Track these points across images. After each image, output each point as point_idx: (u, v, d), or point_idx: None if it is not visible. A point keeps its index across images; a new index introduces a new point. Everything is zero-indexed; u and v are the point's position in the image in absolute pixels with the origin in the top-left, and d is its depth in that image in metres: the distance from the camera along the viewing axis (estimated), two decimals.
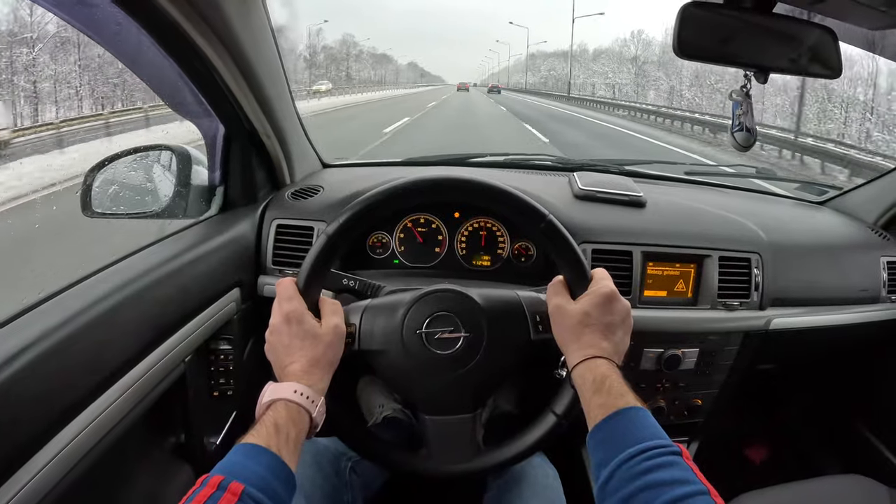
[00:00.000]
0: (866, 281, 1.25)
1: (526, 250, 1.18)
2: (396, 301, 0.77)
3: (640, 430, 0.58)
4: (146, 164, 1.11)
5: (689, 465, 0.54)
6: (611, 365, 0.66)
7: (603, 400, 0.62)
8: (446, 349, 0.74)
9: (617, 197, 1.20)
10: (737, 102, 0.92)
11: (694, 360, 1.12)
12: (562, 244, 0.74)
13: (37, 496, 0.58)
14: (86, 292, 0.72)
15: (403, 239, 1.17)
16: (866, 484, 1.00)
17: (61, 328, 0.64)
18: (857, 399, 1.50)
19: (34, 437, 0.59)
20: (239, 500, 0.49)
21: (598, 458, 0.59)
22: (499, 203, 0.76)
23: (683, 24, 0.81)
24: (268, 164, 1.18)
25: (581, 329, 0.69)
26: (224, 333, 1.00)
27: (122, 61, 0.91)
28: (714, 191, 1.55)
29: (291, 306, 0.68)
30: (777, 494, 0.98)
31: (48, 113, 5.30)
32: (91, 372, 0.67)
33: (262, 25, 0.94)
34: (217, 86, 0.93)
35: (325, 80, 56.11)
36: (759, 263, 1.13)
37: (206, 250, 0.95)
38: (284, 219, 1.12)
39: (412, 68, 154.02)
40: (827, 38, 0.86)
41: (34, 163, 2.50)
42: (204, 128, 1.08)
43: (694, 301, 1.12)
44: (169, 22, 0.76)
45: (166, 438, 0.94)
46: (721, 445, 1.48)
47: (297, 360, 0.66)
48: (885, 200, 1.40)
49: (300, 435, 0.61)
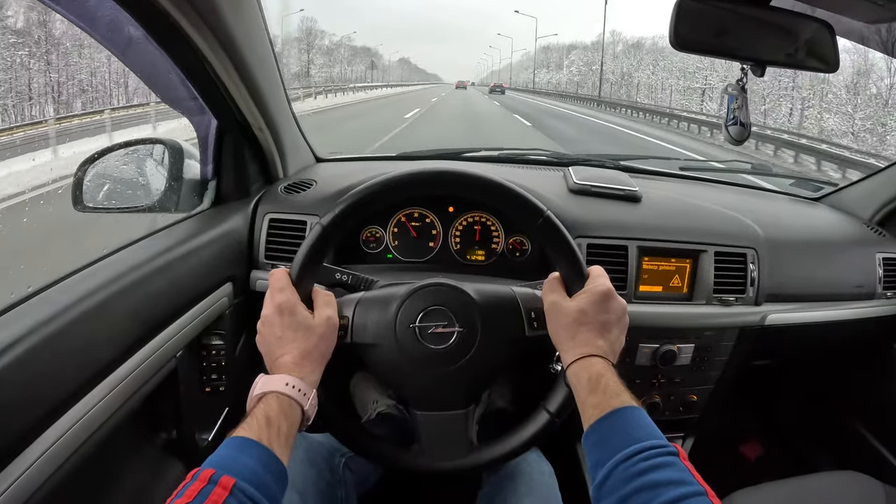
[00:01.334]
0: (862, 277, 1.25)
1: (521, 245, 1.17)
2: (390, 294, 0.77)
3: (636, 430, 0.57)
4: (138, 158, 1.10)
5: (685, 465, 0.53)
6: (606, 364, 0.66)
7: (598, 399, 0.61)
8: (439, 344, 0.73)
9: (612, 191, 1.20)
10: (732, 96, 0.91)
11: (689, 355, 1.12)
12: (559, 241, 0.73)
13: (26, 493, 0.58)
14: (75, 287, 0.71)
15: (397, 233, 1.17)
16: (861, 480, 1.00)
17: (49, 323, 0.63)
18: (852, 395, 1.50)
19: (23, 434, 0.58)
20: (230, 494, 0.48)
21: (594, 458, 0.58)
22: (496, 197, 0.75)
23: (680, 17, 0.81)
24: (260, 157, 1.17)
25: (577, 327, 0.68)
26: (216, 328, 0.99)
27: (114, 53, 0.90)
28: (710, 186, 1.54)
29: (284, 297, 0.68)
30: (772, 490, 0.98)
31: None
32: (81, 367, 0.67)
33: (254, 17, 0.93)
34: (209, 78, 0.92)
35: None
36: (754, 259, 1.13)
37: (198, 244, 0.94)
38: (277, 213, 1.11)
39: (403, 65, 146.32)
40: (823, 32, 0.86)
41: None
42: (196, 121, 1.07)
43: (689, 296, 1.12)
44: (160, 13, 0.75)
45: (158, 434, 0.93)
46: (716, 441, 1.48)
47: (289, 352, 0.66)
48: (881, 196, 1.40)
49: (292, 428, 0.60)
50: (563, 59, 74.30)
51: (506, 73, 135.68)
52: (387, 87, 51.31)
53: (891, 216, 1.39)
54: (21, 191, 2.74)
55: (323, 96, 27.32)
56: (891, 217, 1.39)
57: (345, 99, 27.93)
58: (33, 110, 5.15)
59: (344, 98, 28.55)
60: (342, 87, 36.33)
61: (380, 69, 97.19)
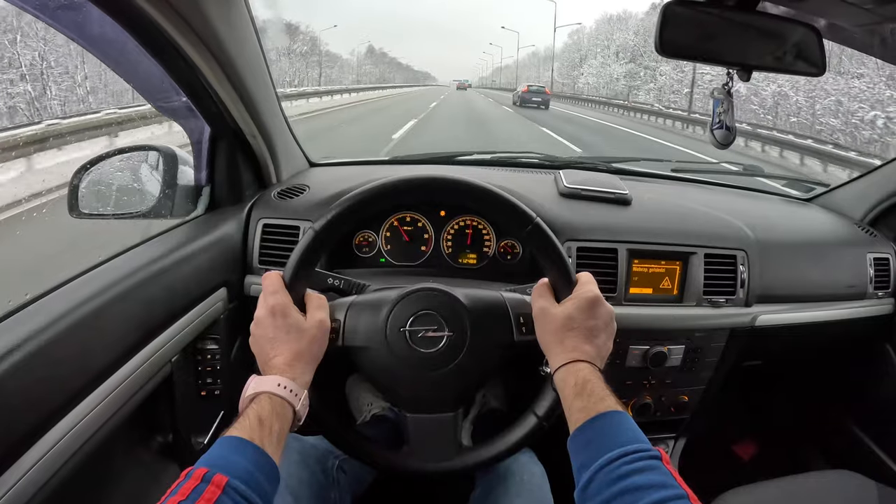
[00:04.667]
0: (853, 277, 1.26)
1: (512, 248, 1.18)
2: (381, 298, 0.78)
3: (620, 435, 0.58)
4: (132, 165, 1.10)
5: (668, 469, 0.54)
6: (592, 369, 0.66)
7: (584, 404, 0.62)
8: (429, 348, 0.74)
9: (602, 195, 1.21)
10: (718, 100, 0.92)
11: (680, 356, 1.12)
12: (548, 247, 0.74)
13: (24, 497, 0.59)
14: (71, 294, 0.72)
15: (390, 238, 1.17)
16: (853, 479, 1.01)
17: (46, 330, 0.64)
18: (844, 394, 1.51)
19: (21, 439, 0.59)
20: (223, 492, 0.49)
21: (578, 461, 0.59)
22: (486, 204, 0.76)
23: (666, 22, 0.81)
24: (254, 163, 1.18)
25: (564, 332, 0.69)
26: (211, 333, 1.00)
27: (104, 62, 0.90)
28: (701, 188, 1.55)
29: (277, 299, 0.69)
30: (764, 490, 0.99)
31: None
32: (77, 373, 0.67)
33: (244, 23, 0.94)
34: (201, 85, 0.93)
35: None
36: (744, 260, 1.14)
37: (193, 250, 0.95)
38: (271, 218, 1.11)
39: (374, 58, 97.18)
40: (811, 36, 0.87)
41: None
42: (189, 128, 1.07)
43: (680, 298, 1.12)
44: (148, 21, 0.76)
45: (154, 438, 0.94)
46: (708, 442, 1.48)
47: (281, 354, 0.67)
48: (872, 197, 1.41)
49: (284, 428, 0.61)
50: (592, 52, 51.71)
51: (510, 71, 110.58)
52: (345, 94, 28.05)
53: (882, 216, 1.40)
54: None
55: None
56: (882, 217, 1.40)
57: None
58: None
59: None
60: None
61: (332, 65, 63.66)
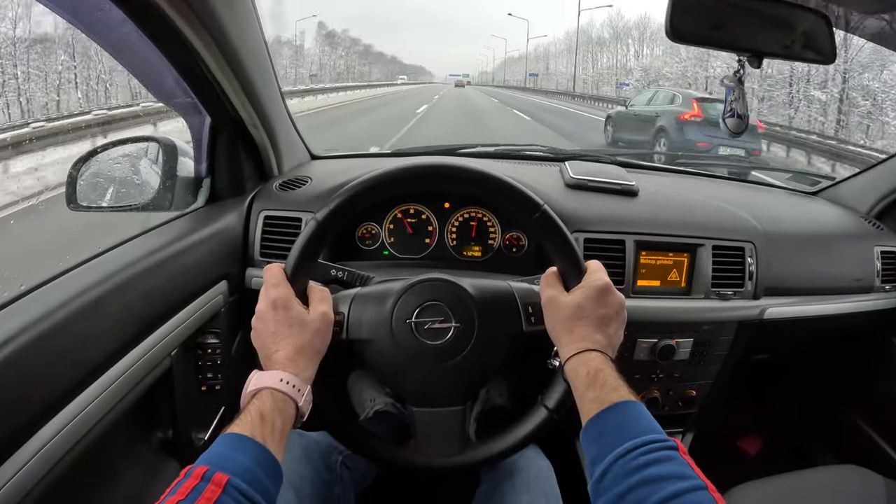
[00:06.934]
0: (860, 270, 1.25)
1: (517, 240, 1.17)
2: (386, 290, 0.76)
3: (635, 425, 0.56)
4: (132, 157, 1.09)
5: (686, 459, 0.53)
6: (604, 358, 0.65)
7: (596, 394, 0.61)
8: (436, 339, 0.73)
9: (609, 186, 1.19)
10: (729, 88, 0.91)
11: (688, 350, 1.11)
12: (556, 235, 0.73)
13: (20, 492, 0.57)
14: (68, 284, 0.71)
15: (393, 230, 1.16)
16: (861, 474, 1.00)
17: (42, 321, 0.63)
18: (851, 389, 1.50)
19: (16, 433, 0.58)
20: (223, 491, 0.48)
21: (592, 453, 0.57)
22: (492, 191, 0.74)
23: (676, 8, 0.81)
24: (255, 155, 1.16)
25: (574, 322, 0.67)
26: (211, 327, 0.99)
27: (106, 50, 0.89)
28: (706, 180, 1.54)
29: (278, 292, 0.67)
30: (772, 485, 0.98)
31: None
32: (75, 365, 0.66)
33: (247, 13, 0.92)
34: (203, 75, 0.91)
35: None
36: (752, 252, 1.13)
37: (193, 242, 0.93)
38: (272, 210, 1.10)
39: (334, 43, 67.95)
40: (820, 24, 0.86)
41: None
42: (190, 119, 1.06)
43: (687, 291, 1.11)
44: (154, 10, 0.75)
45: (153, 433, 0.93)
46: (716, 436, 1.47)
47: (283, 348, 0.65)
48: (879, 190, 1.40)
49: (286, 424, 0.60)
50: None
51: (520, 64, 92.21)
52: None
53: (888, 209, 1.39)
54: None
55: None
56: (888, 210, 1.39)
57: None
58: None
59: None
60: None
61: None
